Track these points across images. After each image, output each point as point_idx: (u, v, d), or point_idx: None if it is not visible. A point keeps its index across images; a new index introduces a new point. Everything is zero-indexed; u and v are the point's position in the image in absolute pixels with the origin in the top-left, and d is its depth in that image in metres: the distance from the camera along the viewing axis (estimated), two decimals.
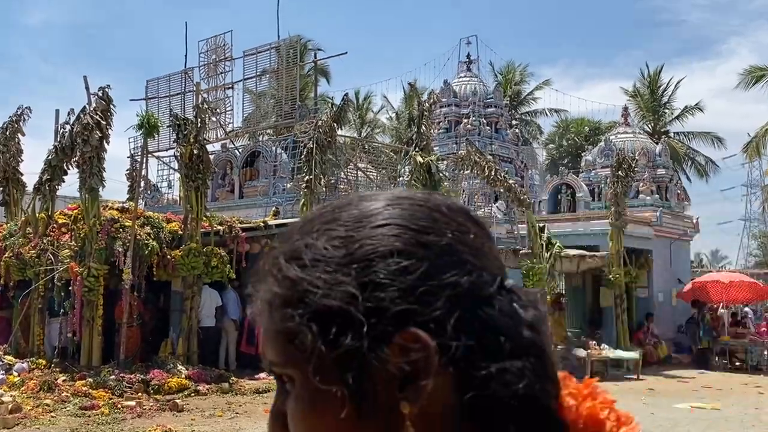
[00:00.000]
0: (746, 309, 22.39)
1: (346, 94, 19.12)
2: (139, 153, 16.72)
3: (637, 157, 21.89)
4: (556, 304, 19.19)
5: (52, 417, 10.10)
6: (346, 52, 22.68)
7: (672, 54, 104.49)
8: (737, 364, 18.77)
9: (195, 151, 14.60)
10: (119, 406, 10.87)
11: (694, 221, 24.44)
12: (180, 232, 14.58)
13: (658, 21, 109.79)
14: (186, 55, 22.32)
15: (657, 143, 27.15)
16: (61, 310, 14.03)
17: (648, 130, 39.46)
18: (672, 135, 41.07)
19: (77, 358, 13.63)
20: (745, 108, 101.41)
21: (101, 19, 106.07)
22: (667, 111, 41.82)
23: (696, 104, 41.44)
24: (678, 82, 41.84)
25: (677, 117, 41.58)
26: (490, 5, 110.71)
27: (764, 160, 31.31)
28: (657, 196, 23.74)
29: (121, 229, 13.76)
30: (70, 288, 13.59)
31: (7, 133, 16.77)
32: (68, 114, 14.26)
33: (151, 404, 11.13)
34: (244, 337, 15.92)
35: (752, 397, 14.07)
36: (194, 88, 18.94)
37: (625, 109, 28.37)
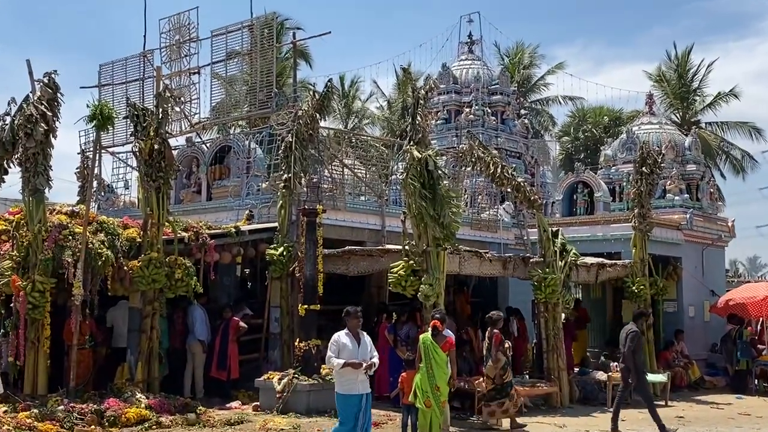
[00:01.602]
0: None
1: (330, 80, 19.08)
2: (91, 148, 16.65)
3: (663, 151, 21.96)
4: (579, 320, 19.25)
5: None
6: (330, 32, 22.69)
7: (704, 32, 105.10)
8: None
9: (156, 146, 14.57)
10: None
11: (730, 224, 24.56)
12: (139, 240, 14.54)
13: None
14: (145, 36, 22.24)
15: (686, 135, 27.26)
16: (2, 331, 13.96)
17: (676, 119, 39.70)
18: (704, 125, 41.33)
19: (20, 385, 13.55)
20: None
21: None
22: (697, 98, 42.05)
23: (731, 90, 41.77)
24: (710, 65, 42.16)
25: (709, 105, 41.83)
26: None
27: None
28: (686, 195, 23.83)
29: (70, 237, 13.70)
30: (11, 305, 13.51)
31: None
32: (9, 104, 14.18)
33: None
34: (214, 360, 15.88)
35: None
36: (155, 74, 18.85)
37: (650, 96, 28.46)
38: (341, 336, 9.74)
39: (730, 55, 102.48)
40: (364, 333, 10.01)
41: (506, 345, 14.00)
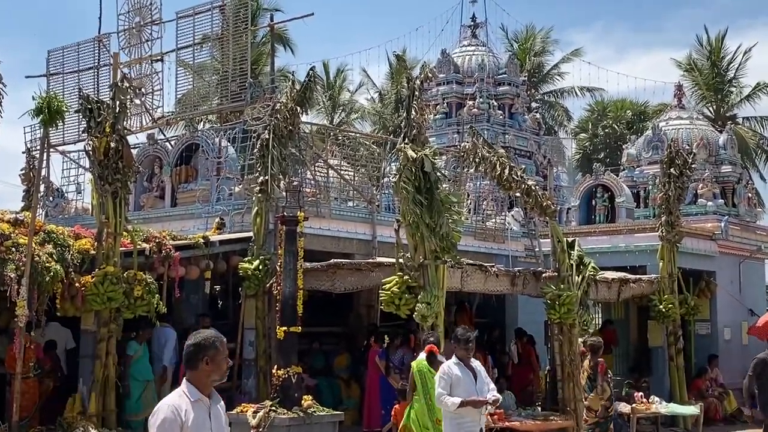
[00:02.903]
0: None
1: (313, 68, 19.09)
2: (38, 147, 16.64)
3: (695, 150, 22.07)
4: (605, 344, 19.26)
5: None
6: (313, 13, 22.46)
7: (740, 14, 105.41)
8: None
9: (112, 144, 14.53)
10: None
11: None
12: (92, 252, 14.50)
13: None
14: (100, 18, 22.18)
15: (721, 132, 27.40)
16: None
17: (709, 114, 39.90)
18: (740, 121, 41.56)
19: None
20: None
21: None
22: (733, 89, 42.29)
23: None
24: (747, 51, 42.35)
25: (747, 97, 42.08)
26: None
27: None
28: (721, 200, 23.92)
29: (13, 248, 13.65)
30: None
31: None
32: None
33: None
34: None
35: None
36: (111, 61, 18.85)
37: (679, 87, 28.60)
38: (451, 367, 8.97)
39: None
40: (477, 361, 9.43)
41: (609, 375, 14.39)
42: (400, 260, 14.72)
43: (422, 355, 11.95)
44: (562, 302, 16.23)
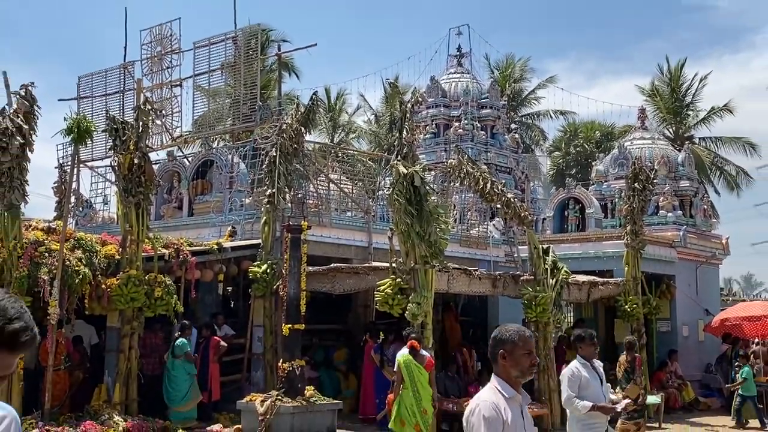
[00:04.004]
0: None
1: (316, 93, 19.17)
2: (69, 163, 16.61)
3: (656, 167, 22.11)
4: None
5: None
6: (316, 44, 22.60)
7: (698, 46, 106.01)
8: None
9: (135, 161, 14.54)
10: None
11: (724, 241, 24.68)
12: (117, 257, 14.47)
13: (683, 6, 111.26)
14: (125, 47, 22.26)
15: (679, 150, 27.44)
16: None
17: (669, 135, 39.93)
18: (697, 141, 41.59)
19: None
20: None
21: (23, 2, 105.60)
22: (690, 113, 42.32)
23: (725, 105, 42.01)
24: (703, 79, 42.39)
25: (703, 120, 42.10)
26: None
27: None
28: (680, 212, 23.94)
29: (46, 254, 13.62)
30: None
31: None
32: None
33: None
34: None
35: None
36: (135, 86, 18.87)
37: (642, 110, 28.62)
38: (579, 368, 7.88)
39: (724, 68, 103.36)
40: (598, 361, 8.35)
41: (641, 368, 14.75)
42: (393, 264, 14.72)
43: (405, 350, 11.91)
44: (538, 303, 16.25)
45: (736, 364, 18.71)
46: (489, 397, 4.21)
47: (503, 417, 4.11)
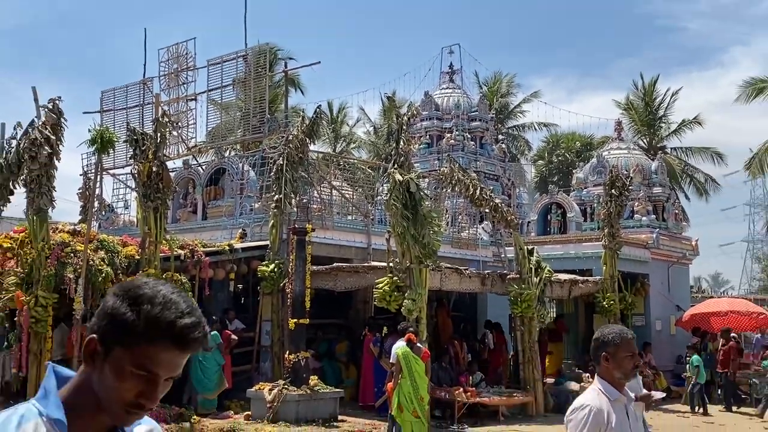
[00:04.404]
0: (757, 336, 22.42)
1: (319, 106, 19.12)
2: (93, 170, 16.59)
3: (631, 175, 22.13)
4: (556, 332, 19.24)
5: None
6: (319, 62, 22.70)
7: (670, 63, 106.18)
8: (742, 397, 18.87)
9: (154, 169, 14.52)
10: None
11: (694, 243, 24.69)
12: (137, 257, 14.46)
13: (656, 27, 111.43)
14: (145, 64, 22.30)
15: (653, 159, 27.45)
16: (5, 343, 13.82)
17: (643, 145, 39.92)
18: (669, 151, 41.58)
19: (23, 395, 13.40)
20: (748, 122, 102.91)
21: (52, 23, 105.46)
22: (663, 125, 42.33)
23: (694, 118, 42.01)
24: (675, 94, 42.41)
25: (674, 131, 42.11)
26: (473, 12, 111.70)
27: None
28: (653, 216, 23.96)
29: (72, 254, 13.61)
30: (15, 319, 13.39)
31: None
32: (15, 128, 14.14)
33: None
34: None
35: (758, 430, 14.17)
36: (153, 100, 18.87)
37: (619, 123, 28.64)
38: None
39: (693, 85, 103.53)
40: None
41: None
42: (391, 264, 14.73)
43: (402, 343, 11.89)
44: (523, 299, 16.24)
45: (686, 354, 18.71)
46: (592, 401, 3.88)
47: (605, 420, 3.82)
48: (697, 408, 17.43)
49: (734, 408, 17.92)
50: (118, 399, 1.68)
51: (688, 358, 18.11)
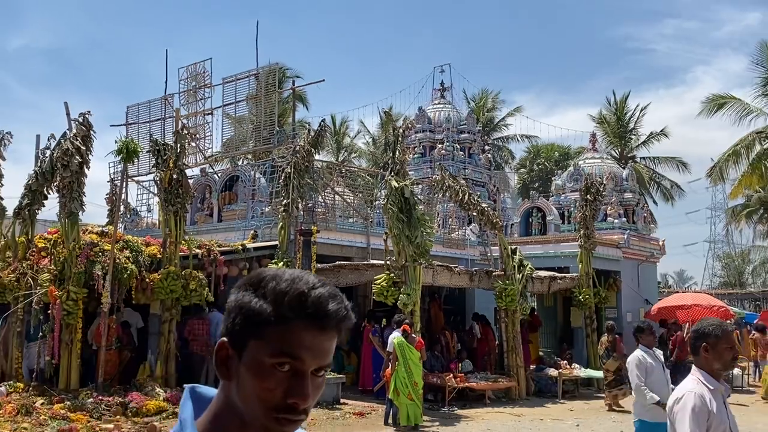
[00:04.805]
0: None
1: (324, 120, 19.18)
2: (119, 178, 16.59)
3: (604, 182, 22.14)
4: (532, 324, 19.23)
5: None
6: (324, 80, 22.74)
7: (640, 81, 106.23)
8: None
9: (174, 176, 14.52)
10: (97, 428, 10.69)
11: (661, 243, 24.72)
12: (159, 256, 14.45)
13: (627, 49, 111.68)
14: (166, 82, 22.29)
15: (624, 168, 27.49)
16: (40, 334, 13.81)
17: (615, 155, 39.99)
18: (638, 160, 41.65)
19: (55, 381, 13.39)
20: (709, 134, 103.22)
21: (82, 45, 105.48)
22: (633, 137, 42.42)
23: (661, 130, 42.15)
24: (643, 109, 42.56)
25: (643, 143, 42.20)
26: (463, 35, 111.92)
27: (727, 184, 31.72)
28: (624, 219, 23.99)
29: (100, 253, 13.61)
30: (48, 311, 13.39)
31: None
32: (49, 139, 14.16)
33: (129, 427, 10.96)
34: None
35: None
36: (174, 114, 18.86)
37: (593, 135, 28.68)
38: (645, 356, 7.11)
39: (661, 101, 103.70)
40: (659, 351, 7.57)
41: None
42: (388, 262, 14.73)
43: (397, 333, 11.90)
44: (507, 293, 16.25)
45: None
46: (694, 388, 3.75)
47: (709, 407, 3.68)
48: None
49: None
50: (264, 404, 1.30)
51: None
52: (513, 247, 17.41)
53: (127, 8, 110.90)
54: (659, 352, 7.35)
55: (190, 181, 17.06)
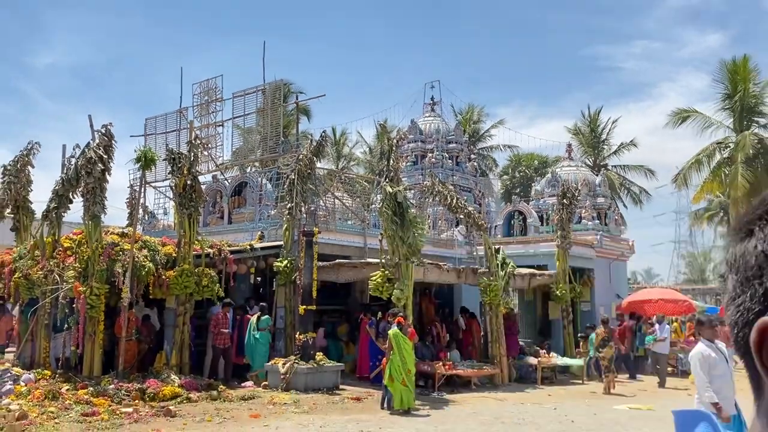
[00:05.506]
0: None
1: (325, 131, 19.15)
2: (138, 183, 16.55)
3: (579, 187, 22.18)
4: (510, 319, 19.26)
5: (56, 423, 9.89)
6: (325, 95, 22.95)
7: (611, 96, 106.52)
8: (670, 369, 18.90)
9: (188, 182, 14.52)
10: (118, 412, 10.67)
11: (630, 243, 24.76)
12: (174, 255, 14.43)
13: (599, 67, 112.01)
14: (181, 96, 22.23)
15: (597, 175, 27.54)
16: (65, 326, 13.79)
17: (589, 163, 40.04)
18: (610, 168, 41.71)
19: (79, 369, 13.37)
20: (674, 144, 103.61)
21: (104, 62, 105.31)
22: (605, 147, 42.49)
23: (631, 141, 42.18)
24: (615, 121, 42.65)
25: (614, 152, 42.27)
26: (451, 54, 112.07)
27: (691, 189, 31.80)
28: (597, 221, 24.02)
29: (120, 252, 13.59)
30: (73, 305, 13.36)
31: (18, 165, 16.55)
32: (74, 149, 14.14)
33: (146, 410, 10.94)
34: (233, 349, 15.71)
35: (682, 398, 14.20)
36: (188, 126, 18.83)
37: (569, 145, 28.72)
38: (708, 350, 6.47)
39: (630, 114, 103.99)
40: (721, 343, 6.75)
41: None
42: (383, 260, 14.73)
43: (394, 325, 11.89)
44: (491, 289, 16.26)
45: (585, 333, 18.05)
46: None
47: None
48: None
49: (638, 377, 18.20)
50: None
51: (585, 338, 17.60)
52: (496, 246, 17.43)
53: (145, 29, 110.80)
54: (722, 345, 6.68)
55: (203, 187, 17.04)
